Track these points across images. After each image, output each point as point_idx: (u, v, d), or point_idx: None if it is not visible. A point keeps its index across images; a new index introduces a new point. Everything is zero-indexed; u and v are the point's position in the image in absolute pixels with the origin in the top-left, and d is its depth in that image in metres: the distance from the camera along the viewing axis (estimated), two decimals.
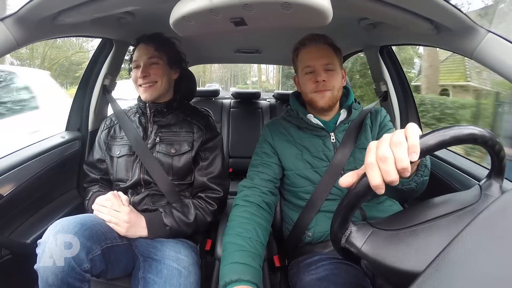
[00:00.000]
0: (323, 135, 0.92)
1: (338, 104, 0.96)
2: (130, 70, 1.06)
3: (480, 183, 0.53)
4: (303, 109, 0.96)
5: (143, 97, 1.01)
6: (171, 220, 0.91)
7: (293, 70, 1.03)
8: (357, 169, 0.97)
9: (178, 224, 0.91)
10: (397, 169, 0.39)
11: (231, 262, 0.71)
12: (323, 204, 0.87)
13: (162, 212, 0.91)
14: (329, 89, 0.89)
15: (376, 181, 0.39)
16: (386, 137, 0.41)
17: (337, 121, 0.94)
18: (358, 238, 0.49)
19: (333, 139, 0.91)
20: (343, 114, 0.95)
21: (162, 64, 1.01)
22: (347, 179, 0.44)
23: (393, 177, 0.38)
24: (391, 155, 0.39)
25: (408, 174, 0.39)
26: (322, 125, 0.92)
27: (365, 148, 0.88)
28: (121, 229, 0.86)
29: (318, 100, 0.89)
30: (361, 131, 0.91)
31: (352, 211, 0.47)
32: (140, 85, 0.99)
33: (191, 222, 0.93)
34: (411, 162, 0.39)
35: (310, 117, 0.93)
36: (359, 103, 0.99)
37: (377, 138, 0.91)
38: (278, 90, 14.21)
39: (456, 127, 0.45)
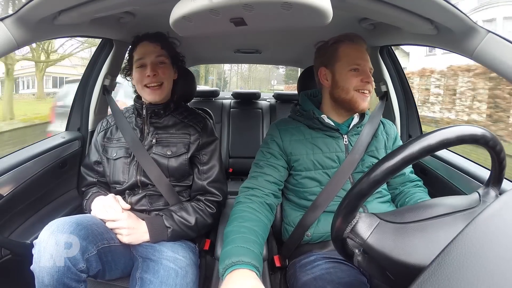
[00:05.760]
0: (336, 136, 0.91)
1: None
2: (126, 71, 1.04)
3: (479, 191, 0.53)
4: (317, 109, 0.95)
5: (149, 99, 0.97)
6: (172, 222, 0.90)
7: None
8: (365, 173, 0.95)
9: (179, 227, 0.91)
10: None
11: (231, 246, 0.69)
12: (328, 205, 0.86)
13: (162, 216, 0.91)
14: (370, 92, 0.90)
15: None
16: None
17: (349, 124, 0.94)
18: (365, 229, 0.48)
19: (345, 141, 0.91)
20: (356, 118, 0.95)
21: (168, 64, 1.00)
22: None
23: None
24: None
25: None
26: (336, 126, 0.91)
27: (374, 156, 0.91)
28: (122, 237, 0.86)
29: (360, 101, 0.88)
30: (372, 139, 0.92)
31: (363, 199, 0.46)
32: (147, 86, 0.96)
33: (192, 225, 0.92)
34: None
35: (324, 117, 0.92)
36: (368, 109, 0.99)
37: (389, 150, 0.95)
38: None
39: (458, 127, 0.46)
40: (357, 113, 0.94)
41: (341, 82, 0.89)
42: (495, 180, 0.53)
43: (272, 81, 27.07)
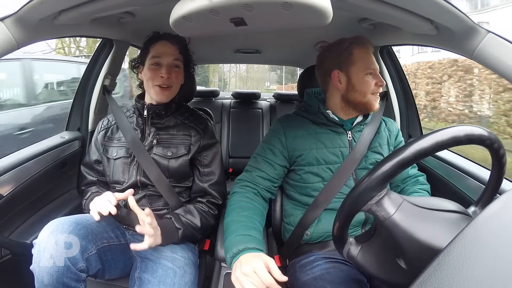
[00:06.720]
0: (340, 132, 0.92)
1: None
2: (134, 66, 1.03)
3: (469, 210, 0.54)
4: (323, 105, 0.95)
5: (156, 98, 0.96)
6: (181, 224, 0.90)
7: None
8: (368, 169, 1.00)
9: (187, 229, 0.90)
10: None
11: (235, 235, 0.72)
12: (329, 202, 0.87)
13: (171, 218, 0.90)
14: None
15: None
16: None
17: (353, 122, 0.94)
18: (390, 204, 0.47)
19: (349, 137, 0.92)
20: (360, 116, 0.95)
21: (181, 69, 0.99)
22: None
23: None
24: None
25: None
26: (340, 121, 0.92)
27: (378, 152, 0.92)
28: (152, 239, 0.77)
29: (374, 103, 0.90)
30: (375, 136, 0.93)
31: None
32: (157, 85, 0.94)
33: (199, 227, 0.92)
34: None
35: (329, 112, 0.93)
36: None
37: (393, 149, 0.96)
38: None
39: (451, 128, 0.46)
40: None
41: (359, 86, 0.89)
42: (485, 201, 0.55)
43: (266, 82, 28.37)
